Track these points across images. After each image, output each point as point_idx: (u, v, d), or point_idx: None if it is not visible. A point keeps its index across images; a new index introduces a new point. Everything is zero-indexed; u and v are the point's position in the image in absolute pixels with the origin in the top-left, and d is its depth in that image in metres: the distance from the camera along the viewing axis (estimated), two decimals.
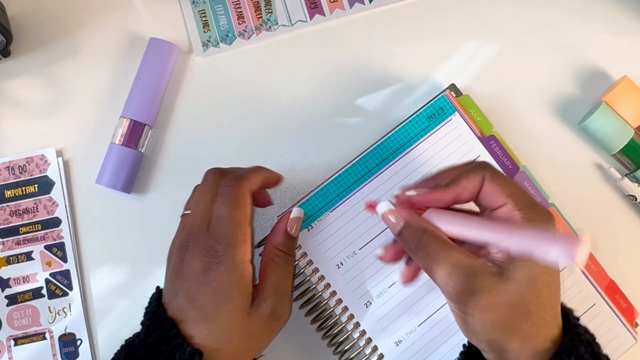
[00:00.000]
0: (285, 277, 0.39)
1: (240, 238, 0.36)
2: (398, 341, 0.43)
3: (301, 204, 0.44)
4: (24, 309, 0.47)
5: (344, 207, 0.44)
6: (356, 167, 0.45)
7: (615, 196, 0.48)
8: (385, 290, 0.43)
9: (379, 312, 0.43)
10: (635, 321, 0.45)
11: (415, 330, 0.43)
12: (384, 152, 0.45)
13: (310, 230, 0.44)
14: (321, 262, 0.43)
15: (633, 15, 0.50)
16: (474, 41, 0.50)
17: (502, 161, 0.45)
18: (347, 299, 0.43)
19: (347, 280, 0.43)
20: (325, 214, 0.44)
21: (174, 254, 0.38)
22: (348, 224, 0.44)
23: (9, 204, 0.48)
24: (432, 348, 0.42)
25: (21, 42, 0.50)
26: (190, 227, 0.38)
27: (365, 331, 0.43)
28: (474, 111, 0.46)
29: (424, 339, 0.43)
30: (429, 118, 0.45)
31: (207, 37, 0.50)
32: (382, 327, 0.43)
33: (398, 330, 0.43)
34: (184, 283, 0.36)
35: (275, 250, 0.39)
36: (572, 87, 0.49)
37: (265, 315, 0.37)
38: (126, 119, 0.47)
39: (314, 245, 0.44)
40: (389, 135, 0.45)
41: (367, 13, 0.50)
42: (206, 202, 0.38)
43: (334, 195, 0.44)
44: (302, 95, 0.49)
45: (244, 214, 0.37)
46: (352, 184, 0.44)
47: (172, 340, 0.34)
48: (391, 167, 0.45)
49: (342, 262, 0.44)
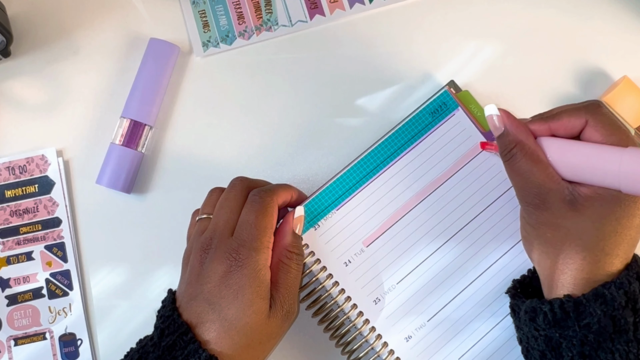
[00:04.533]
0: (296, 277, 0.40)
1: (264, 244, 0.37)
2: (408, 337, 0.43)
3: (307, 202, 0.44)
4: (24, 309, 0.47)
5: (350, 205, 0.44)
6: (361, 165, 0.45)
7: None
8: (393, 287, 0.43)
9: (388, 308, 0.43)
10: None
11: (425, 326, 0.43)
12: (388, 149, 0.45)
13: (317, 229, 0.44)
14: (329, 260, 0.43)
15: (633, 15, 0.50)
16: (474, 41, 0.50)
17: None
18: (355, 297, 0.43)
19: (356, 278, 0.43)
20: (332, 212, 0.44)
21: (192, 257, 0.38)
22: (355, 221, 0.44)
23: (9, 204, 0.48)
24: (441, 343, 0.42)
25: (21, 42, 0.50)
26: (213, 231, 0.38)
27: (375, 328, 0.43)
28: (474, 106, 0.46)
29: (433, 334, 0.43)
30: (432, 114, 0.45)
31: (207, 37, 0.50)
32: (391, 324, 0.43)
33: (408, 325, 0.43)
34: (203, 286, 0.36)
35: (286, 251, 0.39)
36: (572, 87, 0.49)
37: (281, 316, 0.37)
38: (126, 119, 0.47)
39: (321, 244, 0.44)
40: (392, 132, 0.45)
41: (367, 13, 0.50)
42: (232, 207, 0.39)
43: (340, 194, 0.44)
44: (302, 95, 0.49)
45: (271, 222, 0.38)
46: (357, 182, 0.44)
47: (188, 345, 0.34)
48: (396, 164, 0.44)
49: (350, 260, 0.43)
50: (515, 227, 0.42)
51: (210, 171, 0.49)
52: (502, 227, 0.44)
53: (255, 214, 0.38)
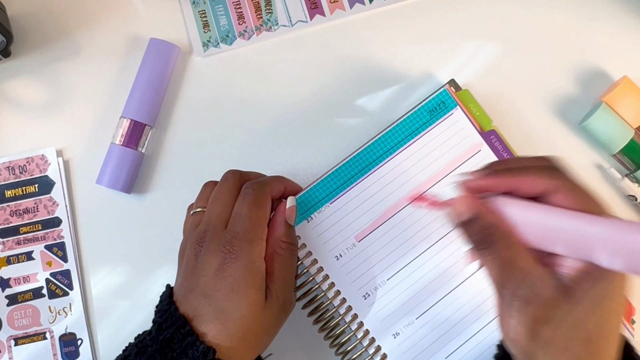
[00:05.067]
0: (291, 268, 0.39)
1: (258, 235, 0.37)
2: (396, 333, 0.43)
3: (302, 195, 0.44)
4: (25, 308, 0.47)
5: (344, 199, 0.44)
6: (357, 160, 0.45)
7: (615, 196, 0.48)
8: (383, 283, 0.43)
9: (377, 304, 0.43)
10: (632, 318, 0.45)
11: (413, 323, 0.43)
12: (385, 146, 0.45)
13: (310, 222, 0.44)
14: (320, 253, 0.43)
15: (633, 15, 0.50)
16: (474, 41, 0.50)
17: (502, 156, 0.45)
18: (345, 291, 0.43)
19: (346, 272, 0.43)
20: (325, 206, 0.44)
21: (187, 250, 0.38)
22: (348, 215, 0.44)
23: (9, 204, 0.48)
24: (429, 341, 0.42)
25: (21, 42, 0.50)
26: (207, 224, 0.38)
27: (363, 323, 0.43)
28: (473, 106, 0.46)
29: (421, 331, 0.43)
30: (430, 112, 0.45)
31: (207, 38, 0.50)
32: (380, 319, 0.43)
33: (396, 322, 0.43)
34: (199, 279, 0.36)
35: (280, 242, 0.39)
36: (572, 87, 0.49)
37: (278, 307, 0.37)
38: (126, 119, 0.47)
39: (314, 237, 0.44)
40: (390, 128, 0.45)
41: (367, 13, 0.50)
42: (225, 200, 0.38)
43: (335, 187, 0.44)
44: (302, 95, 0.49)
45: (264, 214, 0.38)
46: (352, 176, 0.44)
47: (185, 338, 0.34)
48: (392, 160, 0.44)
49: (341, 254, 0.44)
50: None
51: (210, 171, 0.48)
52: None
53: (248, 206, 0.37)
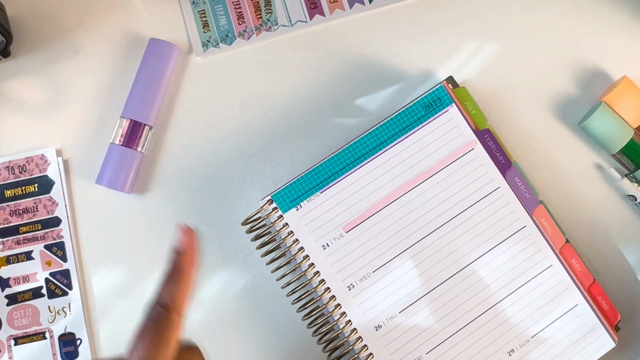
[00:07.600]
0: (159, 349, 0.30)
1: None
2: (378, 326, 0.43)
3: (292, 182, 0.44)
4: (24, 308, 0.47)
5: (334, 189, 0.44)
6: (349, 151, 0.45)
7: (615, 196, 0.48)
8: (369, 275, 0.43)
9: (361, 295, 0.43)
10: (616, 324, 0.45)
11: (396, 317, 0.43)
12: (378, 139, 0.45)
13: (299, 210, 0.44)
14: (307, 241, 0.44)
15: (633, 15, 0.50)
16: (474, 41, 0.50)
17: (495, 155, 0.45)
18: (330, 281, 0.43)
19: (332, 262, 0.43)
20: (315, 195, 0.44)
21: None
22: (337, 206, 0.44)
23: (9, 203, 0.48)
24: (411, 336, 0.43)
25: (21, 42, 0.50)
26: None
27: (346, 313, 0.43)
28: (469, 104, 0.46)
29: (403, 326, 0.43)
30: (426, 107, 0.45)
31: (207, 37, 0.50)
32: (362, 311, 0.43)
33: (378, 315, 0.43)
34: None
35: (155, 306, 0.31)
36: (572, 87, 0.49)
37: None
38: (126, 119, 0.47)
39: (302, 225, 0.44)
40: (384, 121, 0.45)
41: (367, 13, 0.50)
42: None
43: (326, 177, 0.44)
44: (302, 95, 0.49)
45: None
46: (344, 167, 0.44)
47: None
48: (384, 154, 0.45)
49: (329, 244, 0.44)
50: (498, 228, 0.43)
51: (210, 171, 0.49)
52: (484, 227, 0.44)
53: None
